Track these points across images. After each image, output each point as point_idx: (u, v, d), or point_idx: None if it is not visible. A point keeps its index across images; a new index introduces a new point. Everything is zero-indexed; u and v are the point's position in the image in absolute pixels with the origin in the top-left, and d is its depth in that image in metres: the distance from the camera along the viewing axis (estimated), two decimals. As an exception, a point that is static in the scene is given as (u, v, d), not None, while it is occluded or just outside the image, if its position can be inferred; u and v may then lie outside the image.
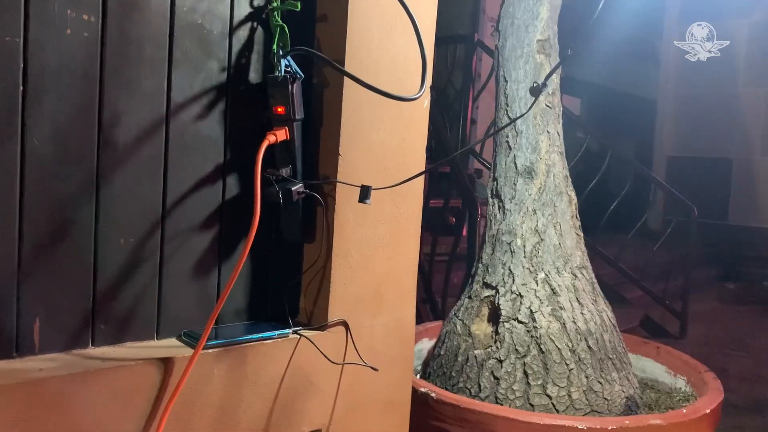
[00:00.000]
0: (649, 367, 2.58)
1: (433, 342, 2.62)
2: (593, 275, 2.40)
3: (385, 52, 1.43)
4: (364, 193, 1.31)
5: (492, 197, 2.41)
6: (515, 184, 2.33)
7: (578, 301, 2.24)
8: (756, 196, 7.44)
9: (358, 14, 1.37)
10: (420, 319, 3.52)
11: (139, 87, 1.20)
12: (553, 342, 2.14)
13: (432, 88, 4.42)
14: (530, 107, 2.08)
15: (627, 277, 4.74)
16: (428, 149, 4.56)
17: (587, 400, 2.10)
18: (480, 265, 2.39)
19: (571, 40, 2.55)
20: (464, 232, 4.03)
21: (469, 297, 2.38)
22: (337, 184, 1.38)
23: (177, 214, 1.27)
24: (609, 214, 4.75)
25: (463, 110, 4.66)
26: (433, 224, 4.05)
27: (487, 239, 2.40)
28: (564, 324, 2.17)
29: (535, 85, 1.38)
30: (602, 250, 4.66)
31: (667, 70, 8.16)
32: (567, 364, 2.12)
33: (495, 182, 2.40)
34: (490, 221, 2.40)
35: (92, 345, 1.19)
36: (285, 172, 1.34)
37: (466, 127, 4.71)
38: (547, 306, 2.20)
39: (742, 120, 7.49)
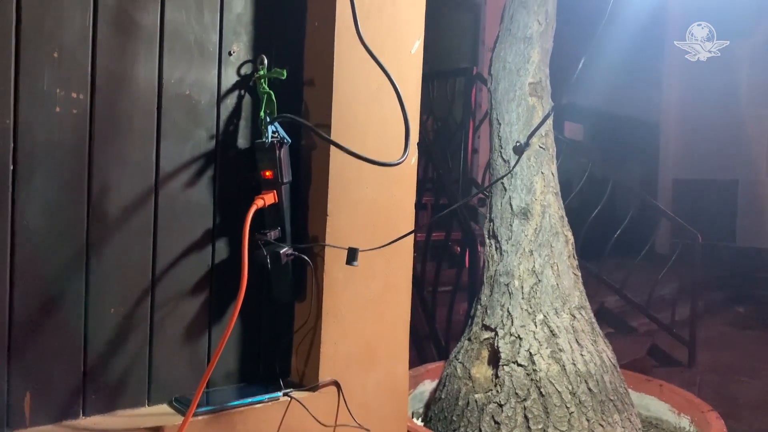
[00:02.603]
0: (654, 405, 2.55)
1: (434, 383, 2.60)
2: (592, 315, 2.39)
3: (372, 114, 1.46)
4: (351, 255, 1.33)
5: (489, 238, 2.42)
6: (511, 225, 2.34)
7: (577, 342, 2.23)
8: (764, 216, 7.38)
9: (344, 78, 1.40)
10: (424, 356, 3.51)
11: (129, 159, 1.23)
12: (553, 385, 2.12)
13: (435, 119, 4.45)
14: (514, 165, 2.11)
15: (633, 306, 4.69)
16: (431, 180, 4.56)
17: (589, 444, 2.08)
18: (479, 307, 2.39)
19: (566, 72, 2.57)
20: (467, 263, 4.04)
21: (469, 339, 2.37)
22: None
23: (167, 281, 1.29)
24: (616, 238, 4.71)
25: (464, 141, 4.68)
26: (435, 256, 4.06)
27: (485, 280, 2.40)
28: (563, 366, 2.16)
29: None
30: (609, 275, 4.64)
31: (669, 94, 8.18)
32: (567, 407, 2.10)
33: (491, 223, 2.41)
34: (488, 262, 2.40)
35: (83, 415, 1.20)
36: (274, 234, 1.36)
37: (467, 157, 4.73)
38: (547, 348, 2.19)
39: (746, 141, 7.46)
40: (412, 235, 1.57)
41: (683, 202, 7.80)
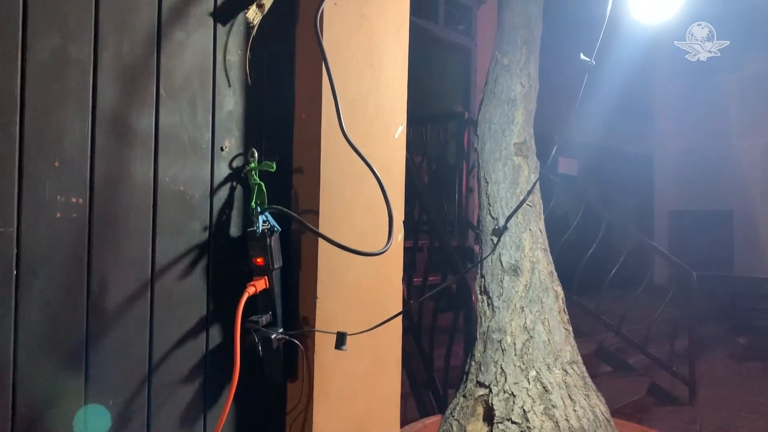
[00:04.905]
0: (650, 456, 2.57)
1: (431, 438, 2.62)
2: (584, 369, 2.42)
3: (358, 197, 1.53)
4: (340, 339, 1.38)
5: (481, 294, 2.47)
6: (502, 282, 2.39)
7: (570, 397, 2.26)
8: (760, 246, 7.42)
9: (331, 166, 1.46)
10: (423, 405, 3.52)
11: (126, 255, 1.29)
12: (547, 442, 2.15)
13: (429, 161, 4.50)
14: (495, 246, 2.18)
15: (632, 345, 4.70)
16: (426, 223, 4.60)
17: (584, 501, 2.10)
18: (473, 363, 2.43)
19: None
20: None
21: (464, 396, 2.41)
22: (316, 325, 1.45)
23: (163, 369, 1.34)
24: (614, 273, 4.73)
25: (458, 183, 4.76)
26: (432, 300, 4.09)
27: (478, 336, 2.44)
28: (557, 422, 2.19)
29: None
30: (607, 310, 4.65)
31: (662, 126, 8.29)
32: (562, 464, 2.12)
33: (483, 279, 2.46)
34: (481, 318, 2.45)
35: (82, 507, 1.24)
36: (265, 319, 1.41)
37: (462, 198, 4.79)
38: (540, 405, 2.22)
39: (739, 171, 7.55)
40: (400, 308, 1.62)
41: (680, 234, 7.85)
